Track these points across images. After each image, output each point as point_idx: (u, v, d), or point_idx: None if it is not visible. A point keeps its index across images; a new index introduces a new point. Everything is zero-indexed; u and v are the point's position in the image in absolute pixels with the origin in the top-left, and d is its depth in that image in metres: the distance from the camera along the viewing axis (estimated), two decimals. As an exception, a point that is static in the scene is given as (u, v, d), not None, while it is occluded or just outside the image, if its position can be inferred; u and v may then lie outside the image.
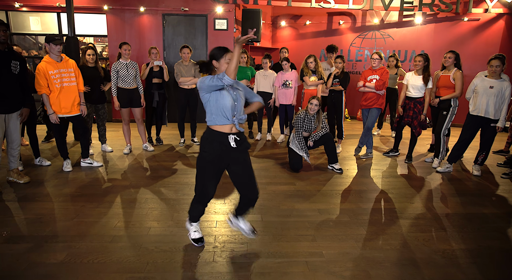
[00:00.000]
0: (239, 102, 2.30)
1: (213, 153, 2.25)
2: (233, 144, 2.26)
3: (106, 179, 3.94)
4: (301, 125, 4.40)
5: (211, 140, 2.26)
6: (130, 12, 6.95)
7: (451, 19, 7.60)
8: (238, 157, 2.31)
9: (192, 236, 2.57)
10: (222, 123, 2.24)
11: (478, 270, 2.33)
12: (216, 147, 2.24)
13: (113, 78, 4.63)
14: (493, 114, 4.14)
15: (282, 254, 2.47)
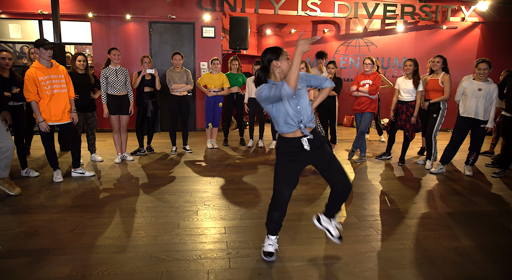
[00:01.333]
0: (303, 104, 2.18)
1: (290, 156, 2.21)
2: (307, 147, 2.19)
3: (101, 188, 3.77)
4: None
5: (284, 146, 2.21)
6: (116, 19, 6.82)
7: (431, 27, 7.91)
8: (320, 152, 2.23)
9: (264, 249, 2.41)
10: (289, 131, 2.19)
11: (492, 264, 2.36)
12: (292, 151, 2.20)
13: (102, 84, 4.48)
14: (483, 115, 4.29)
15: (299, 257, 2.42)
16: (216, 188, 3.83)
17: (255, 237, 2.70)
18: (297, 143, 2.20)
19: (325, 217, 2.49)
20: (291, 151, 2.21)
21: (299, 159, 2.23)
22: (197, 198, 3.51)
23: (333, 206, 2.40)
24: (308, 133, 2.19)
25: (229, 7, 7.02)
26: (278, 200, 2.29)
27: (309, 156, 2.23)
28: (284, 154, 2.23)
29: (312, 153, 2.22)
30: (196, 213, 3.14)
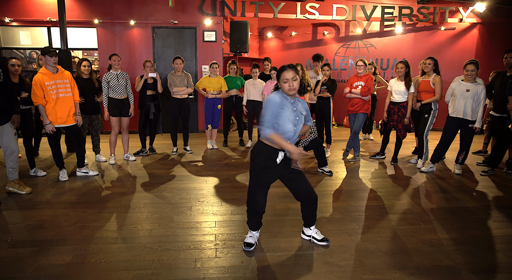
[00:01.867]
0: (299, 127, 2.42)
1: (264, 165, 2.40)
2: (279, 160, 2.40)
3: (103, 187, 4.01)
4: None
5: (261, 152, 2.39)
6: (120, 25, 7.10)
7: (429, 28, 8.01)
8: (290, 165, 2.44)
9: (245, 240, 2.64)
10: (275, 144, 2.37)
11: (462, 255, 2.52)
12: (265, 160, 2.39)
13: (104, 88, 4.73)
14: (471, 116, 4.42)
15: (281, 248, 2.61)
16: (211, 186, 4.04)
17: (242, 231, 2.89)
18: (275, 154, 2.40)
19: (306, 228, 2.74)
20: (268, 160, 2.40)
21: (274, 169, 2.43)
22: (192, 195, 3.72)
23: (308, 216, 2.67)
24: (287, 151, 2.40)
25: (229, 12, 7.24)
26: (255, 208, 2.52)
27: (281, 168, 2.45)
28: (261, 163, 2.41)
29: (283, 166, 2.45)
30: (190, 209, 3.35)
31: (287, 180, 2.54)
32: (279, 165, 2.42)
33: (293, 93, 2.35)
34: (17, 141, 3.72)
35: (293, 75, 2.32)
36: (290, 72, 2.32)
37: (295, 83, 2.32)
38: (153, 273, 2.28)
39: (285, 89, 2.34)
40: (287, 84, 2.32)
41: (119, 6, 7.02)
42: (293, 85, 2.32)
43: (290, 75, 2.31)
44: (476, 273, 2.30)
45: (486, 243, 2.72)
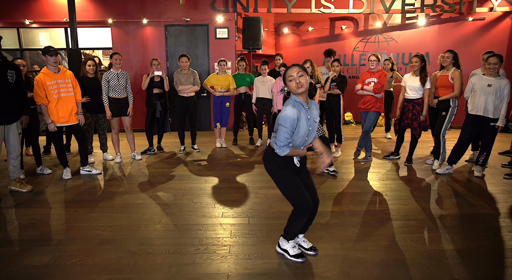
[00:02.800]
0: (311, 136, 2.27)
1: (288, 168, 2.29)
2: (297, 164, 2.29)
3: (102, 186, 4.02)
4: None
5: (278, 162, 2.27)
6: (134, 24, 7.15)
7: (455, 19, 7.49)
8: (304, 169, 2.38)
9: (291, 253, 2.41)
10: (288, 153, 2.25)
11: (464, 269, 2.26)
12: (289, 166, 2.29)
13: (104, 88, 4.72)
14: (492, 113, 4.04)
15: (264, 255, 2.46)
16: (209, 187, 3.94)
17: (228, 235, 2.77)
18: (290, 160, 2.27)
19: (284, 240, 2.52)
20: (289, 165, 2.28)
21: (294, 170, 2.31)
22: (187, 196, 3.64)
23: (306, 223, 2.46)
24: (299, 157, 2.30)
25: (241, 8, 7.11)
26: (306, 206, 2.26)
27: (299, 171, 2.33)
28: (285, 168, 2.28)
29: (301, 169, 2.33)
30: (181, 210, 3.27)
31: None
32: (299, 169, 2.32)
33: (303, 90, 2.14)
34: (19, 142, 3.77)
35: (298, 71, 2.14)
36: (294, 69, 2.15)
37: (302, 79, 2.13)
38: (124, 278, 2.20)
39: (293, 88, 2.15)
40: (293, 82, 2.14)
41: (132, 5, 7.08)
42: (300, 82, 2.13)
43: (294, 71, 2.14)
44: (476, 291, 2.05)
45: (495, 257, 2.43)
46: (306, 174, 2.39)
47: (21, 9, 7.00)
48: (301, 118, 2.14)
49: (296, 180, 2.27)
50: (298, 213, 2.30)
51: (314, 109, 2.27)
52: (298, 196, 2.26)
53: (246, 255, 2.46)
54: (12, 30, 7.20)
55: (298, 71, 2.14)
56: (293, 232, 2.37)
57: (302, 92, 2.16)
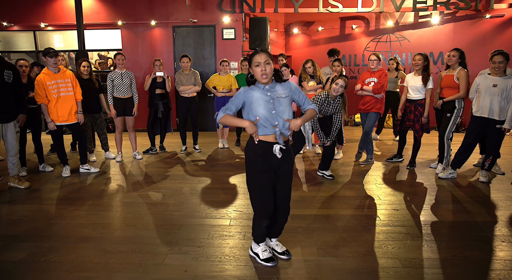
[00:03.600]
0: (279, 110, 2.14)
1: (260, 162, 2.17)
2: (279, 155, 2.16)
3: (97, 184, 4.09)
4: (319, 108, 4.05)
5: (255, 149, 2.18)
6: (143, 26, 7.28)
7: (472, 17, 7.17)
8: (283, 165, 2.22)
9: (261, 257, 2.33)
10: (262, 133, 2.15)
11: (441, 281, 2.13)
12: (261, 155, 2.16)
13: (108, 87, 4.82)
14: (498, 115, 3.81)
15: (235, 259, 2.41)
16: (200, 187, 3.92)
17: (205, 236, 2.73)
18: (269, 148, 2.17)
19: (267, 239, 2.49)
20: (262, 156, 2.17)
21: (270, 166, 2.19)
22: (175, 196, 3.64)
23: (276, 227, 2.38)
24: (282, 141, 2.17)
25: (248, 8, 7.08)
26: (261, 210, 2.20)
27: (277, 164, 2.20)
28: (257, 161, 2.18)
29: (280, 163, 2.20)
30: (165, 210, 3.27)
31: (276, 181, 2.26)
32: (278, 161, 2.18)
33: (266, 80, 2.10)
34: (16, 140, 3.89)
35: (266, 59, 2.09)
36: (262, 55, 2.10)
37: (268, 67, 2.08)
38: (92, 276, 2.21)
39: (258, 74, 2.10)
40: (259, 68, 2.09)
41: (141, 7, 7.20)
42: (265, 69, 2.08)
43: (262, 59, 2.09)
44: (449, 304, 1.92)
45: (480, 267, 2.27)
46: (285, 179, 2.25)
47: (37, 13, 7.27)
48: (253, 93, 2.14)
49: (261, 182, 2.17)
50: (255, 215, 2.25)
51: (280, 88, 2.19)
52: (256, 199, 2.21)
53: (217, 257, 2.42)
54: (29, 33, 7.50)
55: (266, 59, 2.09)
56: (257, 235, 2.31)
57: (265, 82, 2.13)
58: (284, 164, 2.23)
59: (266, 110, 2.12)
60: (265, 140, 2.16)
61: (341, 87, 3.86)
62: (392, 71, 6.12)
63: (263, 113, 2.12)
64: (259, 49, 2.15)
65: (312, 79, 5.33)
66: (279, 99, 2.16)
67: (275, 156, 2.17)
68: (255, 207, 2.23)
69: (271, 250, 2.43)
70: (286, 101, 2.18)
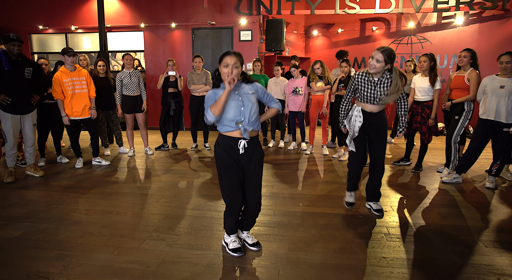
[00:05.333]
0: (247, 107, 2.22)
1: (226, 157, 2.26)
2: (242, 150, 2.24)
3: (104, 175, 4.34)
4: (359, 94, 2.99)
5: (222, 144, 2.28)
6: (164, 28, 7.59)
7: (499, 17, 6.80)
8: (250, 160, 2.29)
9: (229, 247, 2.42)
10: (228, 130, 2.24)
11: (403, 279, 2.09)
12: (227, 151, 2.26)
13: (118, 87, 5.09)
14: (505, 117, 3.63)
15: (207, 247, 2.50)
16: (198, 182, 4.05)
17: (186, 226, 2.84)
18: (234, 143, 2.25)
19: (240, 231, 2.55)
20: (229, 151, 2.25)
21: (235, 161, 2.28)
22: (172, 189, 3.79)
23: (247, 221, 2.44)
24: (247, 136, 2.24)
25: (265, 10, 7.18)
26: (229, 203, 2.30)
27: (243, 160, 2.28)
28: (224, 156, 2.26)
29: (246, 158, 2.27)
30: (157, 201, 3.42)
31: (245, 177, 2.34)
32: (242, 156, 2.26)
33: (230, 81, 2.14)
34: (33, 132, 4.22)
35: (235, 62, 2.16)
36: (233, 58, 2.16)
37: (235, 71, 2.15)
38: (71, 255, 2.39)
39: (224, 75, 2.16)
40: (227, 69, 2.14)
41: (163, 10, 7.52)
42: (232, 72, 2.14)
43: (232, 61, 2.15)
44: (404, 303, 1.88)
45: (451, 271, 2.20)
46: (253, 172, 2.30)
47: (68, 17, 7.80)
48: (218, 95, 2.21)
49: (228, 174, 2.25)
50: (226, 208, 2.34)
51: (246, 87, 2.26)
52: (224, 191, 2.30)
53: (190, 245, 2.52)
54: (61, 36, 8.06)
55: (236, 62, 2.15)
56: (227, 227, 2.39)
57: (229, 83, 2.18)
58: (252, 159, 2.29)
59: (235, 107, 2.19)
60: (231, 136, 2.24)
61: (378, 62, 2.76)
62: (409, 73, 5.95)
63: (232, 112, 2.19)
64: (232, 51, 2.23)
65: (320, 80, 5.32)
66: (247, 95, 2.25)
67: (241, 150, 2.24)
68: (225, 200, 2.32)
69: (242, 241, 2.49)
70: (253, 97, 2.28)
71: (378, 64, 2.77)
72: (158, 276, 2.14)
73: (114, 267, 2.24)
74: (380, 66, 2.78)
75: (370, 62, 2.82)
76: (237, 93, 2.23)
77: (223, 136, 2.28)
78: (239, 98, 2.23)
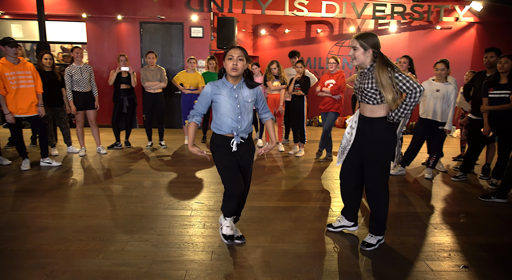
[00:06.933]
0: (244, 116, 2.34)
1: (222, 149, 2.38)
2: (235, 148, 2.36)
3: (58, 177, 4.06)
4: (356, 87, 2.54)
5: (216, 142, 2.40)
6: (109, 20, 7.19)
7: (425, 27, 7.71)
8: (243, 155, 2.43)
9: (223, 231, 2.48)
10: (223, 133, 2.35)
11: (378, 263, 2.38)
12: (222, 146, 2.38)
13: (67, 82, 4.77)
14: (441, 117, 4.20)
15: (193, 245, 2.54)
16: (164, 181, 4.01)
17: (166, 225, 2.85)
18: (227, 141, 2.37)
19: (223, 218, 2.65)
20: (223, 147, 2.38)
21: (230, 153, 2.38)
22: (139, 189, 3.70)
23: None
24: (239, 141, 2.37)
25: (216, 8, 7.20)
26: (229, 189, 2.37)
27: (238, 155, 2.41)
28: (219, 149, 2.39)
29: (241, 154, 2.42)
30: (128, 202, 3.34)
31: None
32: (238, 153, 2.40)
33: (235, 74, 2.24)
34: None
35: (239, 54, 2.23)
36: (237, 50, 2.25)
37: (240, 63, 2.22)
38: (50, 262, 2.26)
39: (228, 67, 2.24)
40: (231, 62, 2.22)
41: (107, 0, 7.11)
42: (237, 65, 2.22)
43: (236, 53, 2.23)
44: (383, 281, 2.17)
45: (412, 250, 2.56)
46: (246, 168, 2.48)
47: (-6, 0, 6.98)
48: (221, 95, 2.28)
49: (226, 163, 2.35)
50: (225, 195, 2.42)
51: (245, 90, 2.35)
52: (224, 176, 2.38)
53: (176, 244, 2.55)
54: (-15, 21, 7.17)
55: (240, 54, 2.23)
56: (227, 208, 2.44)
57: (234, 76, 2.27)
58: (245, 155, 2.45)
59: (232, 116, 2.30)
60: (225, 135, 2.38)
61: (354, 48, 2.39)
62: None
63: (229, 121, 2.31)
64: (237, 45, 2.32)
65: (276, 79, 5.55)
66: (245, 104, 2.35)
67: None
68: (226, 187, 2.39)
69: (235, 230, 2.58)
70: (250, 105, 2.40)
71: (357, 52, 2.36)
72: (154, 276, 2.15)
73: (104, 271, 2.19)
74: (359, 54, 2.35)
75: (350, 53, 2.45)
76: (237, 96, 2.31)
77: (216, 135, 2.39)
78: (237, 105, 2.30)
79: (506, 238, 2.82)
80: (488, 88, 3.99)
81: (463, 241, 2.73)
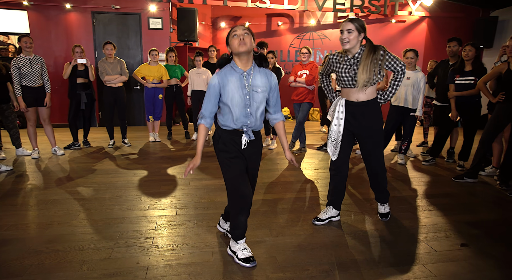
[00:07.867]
0: (253, 109, 1.99)
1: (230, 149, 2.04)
2: (245, 145, 2.03)
3: (11, 183, 3.56)
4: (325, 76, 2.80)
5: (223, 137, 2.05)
6: (55, 9, 6.53)
7: (381, 20, 8.00)
8: (252, 153, 2.10)
9: (239, 256, 2.11)
10: (231, 128, 2.02)
11: (383, 247, 2.35)
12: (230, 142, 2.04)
13: (14, 76, 4.21)
14: (411, 104, 4.33)
15: (189, 246, 2.33)
16: (136, 180, 3.69)
17: (153, 227, 2.59)
18: (237, 135, 2.04)
19: (223, 221, 2.49)
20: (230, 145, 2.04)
21: (238, 154, 2.06)
22: (111, 190, 3.36)
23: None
24: (251, 134, 2.02)
25: (176, -2, 6.86)
26: (242, 203, 2.03)
27: (245, 152, 2.07)
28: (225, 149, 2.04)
29: (247, 152, 2.08)
30: (102, 205, 3.00)
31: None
32: (245, 151, 2.06)
33: (245, 49, 1.88)
34: None
35: (245, 30, 1.92)
36: (240, 27, 1.93)
37: (247, 37, 1.89)
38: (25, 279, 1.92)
39: (235, 45, 1.90)
40: (236, 39, 1.89)
41: (53, -13, 6.45)
42: (243, 39, 1.88)
43: (240, 29, 1.91)
44: (394, 266, 2.13)
45: (411, 233, 2.57)
46: (254, 161, 2.14)
47: None
48: (229, 83, 1.95)
49: (235, 172, 2.03)
50: (232, 211, 2.08)
51: (259, 79, 2.00)
52: (231, 187, 2.04)
53: (170, 246, 2.31)
54: None
55: (245, 30, 1.93)
56: (236, 231, 2.11)
57: (243, 52, 1.91)
58: (252, 158, 2.12)
59: (241, 109, 1.97)
60: (232, 130, 2.04)
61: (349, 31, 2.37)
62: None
63: (237, 114, 1.98)
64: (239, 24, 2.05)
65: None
66: (254, 94, 1.98)
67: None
68: (232, 200, 2.07)
69: (225, 233, 2.40)
70: (260, 96, 2.01)
71: (352, 35, 2.34)
72: (154, 284, 1.91)
73: (92, 283, 1.91)
74: (354, 36, 2.35)
75: (341, 37, 2.39)
76: (246, 84, 1.97)
77: (222, 130, 2.06)
78: (246, 96, 1.97)
79: (487, 214, 2.94)
80: (454, 75, 4.18)
81: (453, 220, 2.80)
